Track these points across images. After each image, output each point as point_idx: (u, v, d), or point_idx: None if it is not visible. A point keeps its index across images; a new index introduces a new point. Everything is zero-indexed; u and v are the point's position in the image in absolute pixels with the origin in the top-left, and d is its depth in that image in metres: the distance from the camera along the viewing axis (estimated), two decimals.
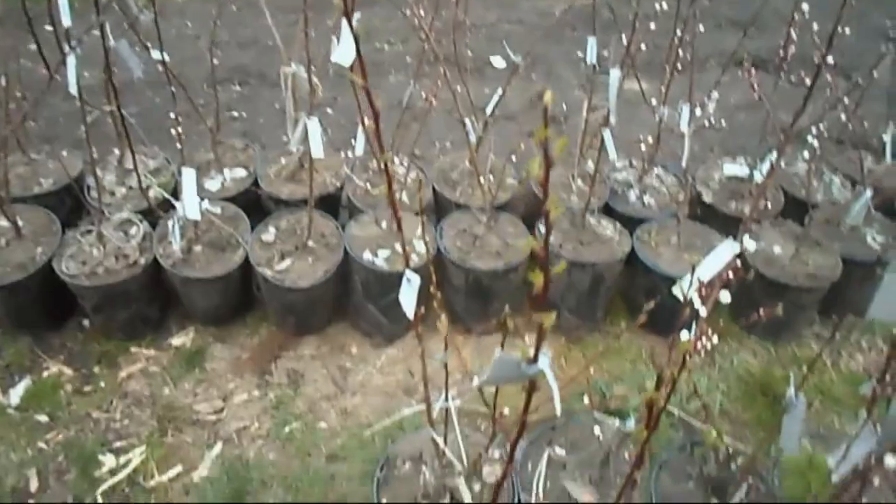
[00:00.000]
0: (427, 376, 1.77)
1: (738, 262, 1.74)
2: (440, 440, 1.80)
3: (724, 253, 1.73)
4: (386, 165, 1.35)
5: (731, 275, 1.71)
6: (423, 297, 1.76)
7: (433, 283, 1.66)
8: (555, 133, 3.56)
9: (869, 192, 2.97)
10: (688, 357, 1.66)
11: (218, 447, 2.68)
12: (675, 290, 1.74)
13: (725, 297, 1.73)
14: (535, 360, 0.86)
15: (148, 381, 2.89)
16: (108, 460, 2.62)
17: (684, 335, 1.68)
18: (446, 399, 1.82)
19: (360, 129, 2.61)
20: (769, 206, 3.25)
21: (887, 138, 3.39)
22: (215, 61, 3.14)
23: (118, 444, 2.68)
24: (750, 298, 3.04)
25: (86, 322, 3.06)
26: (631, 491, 1.35)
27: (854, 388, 3.01)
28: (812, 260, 3.01)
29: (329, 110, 4.44)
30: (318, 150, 2.33)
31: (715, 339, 1.71)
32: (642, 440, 1.22)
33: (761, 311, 1.97)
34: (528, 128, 4.41)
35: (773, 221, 3.21)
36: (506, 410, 1.69)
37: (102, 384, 2.87)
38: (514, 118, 4.49)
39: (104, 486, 2.52)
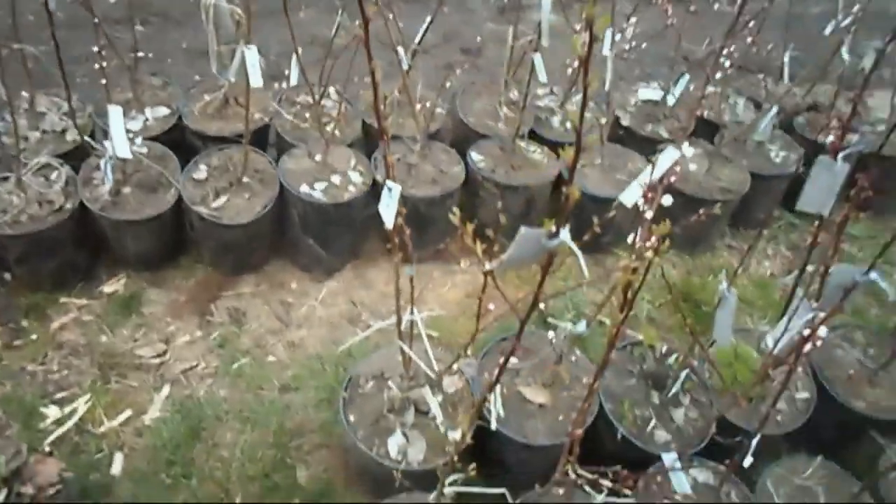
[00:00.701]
0: (399, 293, 1.82)
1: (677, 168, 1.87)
2: (409, 350, 1.87)
3: (666, 159, 1.85)
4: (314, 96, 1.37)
5: (672, 180, 1.84)
6: (358, 229, 1.80)
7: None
8: (471, 64, 3.59)
9: (774, 109, 3.19)
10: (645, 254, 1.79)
11: (166, 389, 2.66)
12: (623, 199, 1.86)
13: (668, 200, 1.86)
14: (556, 234, 0.93)
15: (83, 331, 2.82)
16: (52, 411, 2.56)
17: (631, 239, 1.81)
18: (411, 313, 1.89)
19: (293, 59, 2.57)
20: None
21: (786, 60, 3.62)
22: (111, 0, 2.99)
23: (60, 395, 2.62)
24: (667, 213, 3.24)
25: (7, 275, 2.93)
26: (603, 373, 1.47)
27: (763, 291, 3.28)
28: (724, 175, 3.22)
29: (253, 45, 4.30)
30: (256, 80, 2.30)
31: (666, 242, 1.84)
32: (617, 323, 1.33)
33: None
34: (444, 61, 4.43)
35: (688, 140, 3.40)
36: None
37: (34, 336, 2.78)
38: (428, 52, 4.49)
39: (52, 437, 2.47)
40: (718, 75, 3.39)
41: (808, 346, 1.34)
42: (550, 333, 2.23)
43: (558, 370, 2.24)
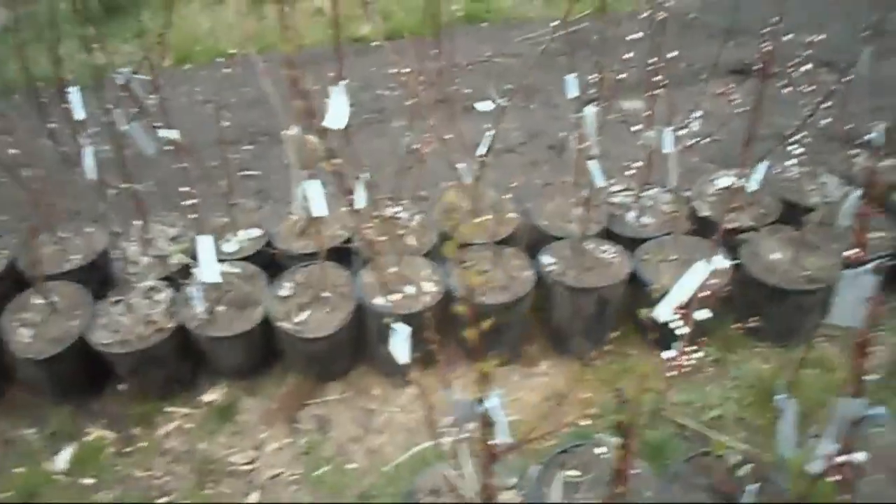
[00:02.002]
0: (434, 416, 1.88)
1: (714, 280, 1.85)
2: (451, 472, 1.91)
3: (698, 273, 1.84)
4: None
5: (708, 293, 1.82)
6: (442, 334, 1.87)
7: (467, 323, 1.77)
8: (556, 160, 3.69)
9: (858, 191, 3.04)
10: (672, 373, 1.78)
11: (255, 496, 2.82)
12: (657, 314, 1.85)
13: (704, 314, 1.84)
14: (482, 400, 0.98)
15: (185, 438, 3.05)
16: None
17: (666, 354, 1.80)
18: (458, 434, 1.94)
19: (358, 183, 2.76)
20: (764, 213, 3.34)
21: (875, 133, 3.46)
22: (225, 123, 3.34)
23: (162, 500, 2.83)
24: (755, 306, 3.13)
25: (122, 386, 3.23)
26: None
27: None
28: (810, 263, 3.09)
29: (337, 160, 4.62)
30: (320, 210, 2.49)
31: (699, 353, 1.82)
32: (621, 461, 1.33)
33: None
34: (529, 158, 4.55)
35: (771, 228, 3.29)
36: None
37: (142, 444, 3.03)
38: (513, 150, 4.64)
39: None
40: (799, 152, 3.31)
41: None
42: (598, 449, 2.20)
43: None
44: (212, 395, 3.21)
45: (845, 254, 1.49)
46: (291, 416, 3.10)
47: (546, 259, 3.12)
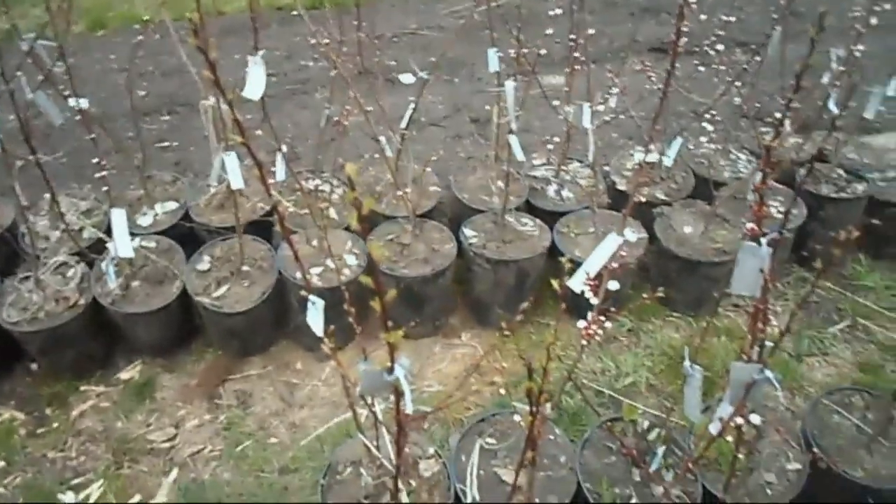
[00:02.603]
0: (352, 388, 1.89)
1: (623, 252, 1.91)
2: (370, 444, 1.93)
3: (609, 246, 1.90)
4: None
5: (616, 266, 1.88)
6: (364, 308, 1.87)
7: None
8: (479, 134, 3.71)
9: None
10: (583, 341, 1.83)
11: (174, 473, 2.78)
12: (571, 284, 1.90)
13: (614, 285, 1.91)
14: (392, 370, 1.00)
15: (100, 417, 2.98)
16: (68, 497, 2.70)
17: (581, 324, 1.86)
18: (372, 404, 1.96)
19: (279, 156, 2.73)
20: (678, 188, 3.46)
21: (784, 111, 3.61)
22: (141, 93, 3.23)
23: (76, 481, 2.76)
24: (668, 278, 3.25)
25: (33, 366, 3.12)
26: (532, 471, 1.51)
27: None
28: (720, 236, 3.22)
29: (259, 132, 4.53)
30: (237, 182, 2.45)
31: (608, 325, 1.88)
32: (529, 425, 1.37)
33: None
34: (453, 132, 4.56)
35: (684, 202, 3.41)
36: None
37: (55, 424, 2.95)
38: (438, 123, 4.64)
39: None
40: (711, 129, 3.43)
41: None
42: (516, 417, 2.26)
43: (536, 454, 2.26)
44: (129, 373, 3.14)
45: (749, 226, 1.56)
46: (211, 392, 3.06)
47: (467, 232, 3.15)
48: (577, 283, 1.88)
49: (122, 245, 2.67)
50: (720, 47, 3.43)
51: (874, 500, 2.35)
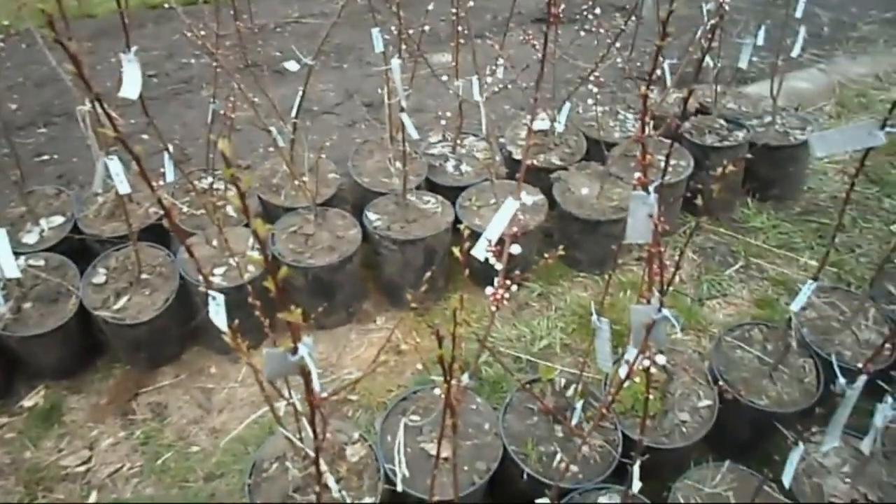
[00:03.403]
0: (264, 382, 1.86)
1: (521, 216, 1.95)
2: (292, 437, 1.91)
3: (507, 211, 1.93)
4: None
5: (515, 231, 1.91)
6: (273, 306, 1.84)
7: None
8: (373, 118, 3.67)
9: (651, 124, 3.30)
10: (492, 309, 1.86)
11: (93, 496, 2.67)
12: (475, 252, 1.93)
13: (516, 249, 1.94)
14: (295, 350, 0.99)
15: (6, 449, 2.82)
16: None
17: (488, 290, 1.88)
18: (290, 396, 1.94)
19: (165, 156, 2.63)
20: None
21: (665, 67, 3.74)
22: (13, 105, 3.05)
23: None
24: (571, 239, 3.33)
25: None
26: (455, 439, 1.53)
27: (674, 300, 3.36)
28: (616, 194, 3.32)
29: (144, 136, 4.36)
30: (123, 187, 2.35)
31: (517, 290, 1.91)
32: (445, 395, 1.38)
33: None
34: (347, 119, 4.52)
35: (579, 165, 3.50)
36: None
37: None
38: (331, 111, 4.59)
39: None
40: (597, 91, 3.53)
41: (626, 383, 1.41)
42: (437, 391, 2.28)
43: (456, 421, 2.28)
44: (32, 400, 2.98)
45: (636, 175, 1.61)
46: (123, 408, 2.95)
47: (370, 215, 3.14)
48: (480, 250, 1.91)
49: (7, 266, 2.53)
50: (598, 11, 3.53)
51: (780, 424, 2.50)
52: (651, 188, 1.67)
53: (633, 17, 3.53)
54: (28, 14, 2.97)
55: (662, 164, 3.36)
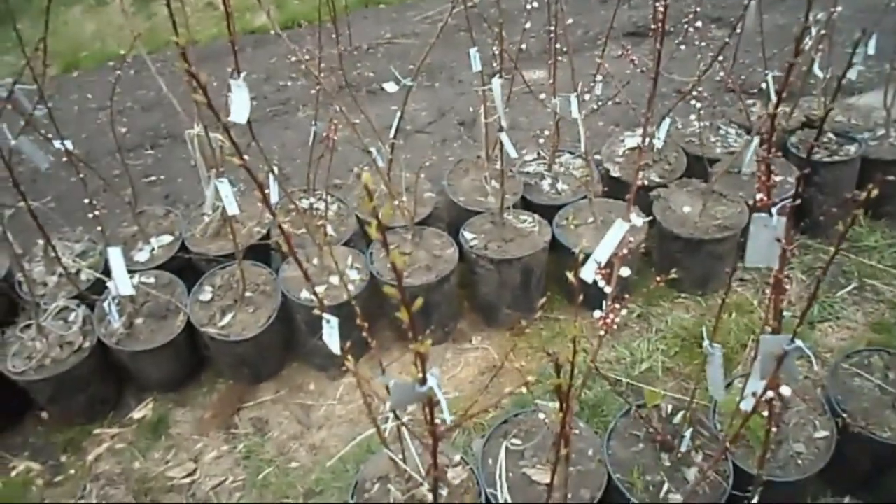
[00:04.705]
0: (372, 403, 1.87)
1: (631, 238, 1.89)
2: (397, 458, 1.91)
3: (616, 232, 1.88)
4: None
5: (625, 252, 1.86)
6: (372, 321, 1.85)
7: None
8: (466, 136, 3.69)
9: (756, 139, 3.17)
10: (602, 332, 1.81)
11: None
12: (583, 275, 1.88)
13: (626, 272, 1.89)
14: (424, 381, 0.98)
15: (117, 459, 2.94)
16: None
17: (597, 314, 1.84)
18: (397, 418, 1.94)
19: (270, 177, 2.70)
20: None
21: (769, 80, 3.60)
22: (123, 129, 3.19)
23: None
24: (672, 259, 3.23)
25: (43, 414, 3.08)
26: (566, 467, 1.48)
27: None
28: (719, 212, 3.21)
29: (246, 157, 4.50)
30: (232, 208, 2.42)
31: (623, 312, 1.86)
32: (560, 423, 1.35)
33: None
34: (439, 137, 4.54)
35: (679, 182, 3.40)
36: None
37: (72, 471, 2.90)
38: (424, 130, 4.63)
39: None
40: (699, 106, 3.42)
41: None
42: (540, 415, 2.24)
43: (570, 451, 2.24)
44: (141, 412, 3.10)
45: (759, 196, 1.54)
46: (227, 422, 3.03)
47: (467, 235, 3.13)
48: (588, 273, 1.86)
49: (122, 283, 2.64)
50: (699, 24, 3.42)
51: None
52: (774, 210, 1.60)
53: (737, 30, 3.41)
54: (142, 42, 3.10)
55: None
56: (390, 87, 2.85)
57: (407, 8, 6.35)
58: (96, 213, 2.63)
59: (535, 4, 2.97)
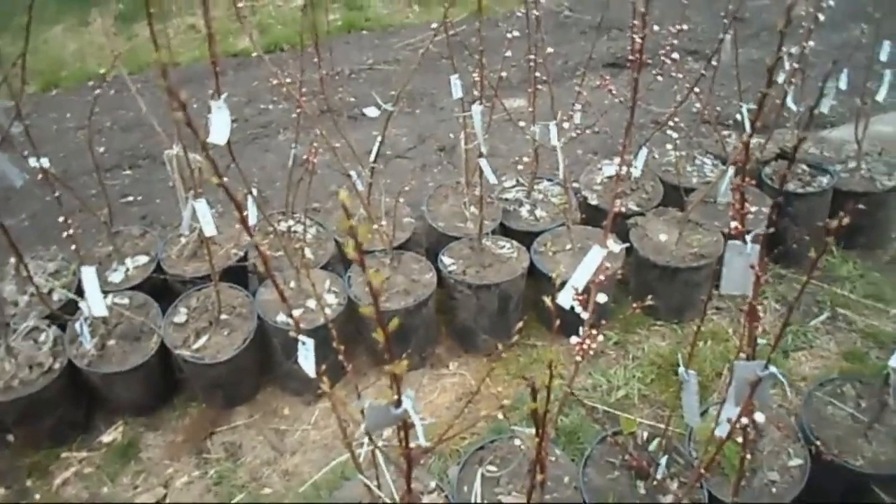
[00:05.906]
0: (347, 428, 1.85)
1: (608, 265, 1.91)
2: (371, 484, 1.88)
3: (593, 259, 1.89)
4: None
5: (601, 279, 1.87)
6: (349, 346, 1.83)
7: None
8: (446, 162, 3.71)
9: (731, 169, 3.22)
10: (579, 358, 1.81)
11: None
12: (560, 300, 1.89)
13: (602, 298, 1.90)
14: (399, 403, 0.97)
15: (84, 484, 2.87)
16: None
17: (573, 339, 1.84)
18: (372, 442, 1.92)
19: (249, 199, 2.69)
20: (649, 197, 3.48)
21: (744, 112, 3.66)
22: (101, 149, 3.17)
23: None
24: (648, 287, 3.25)
25: (9, 437, 3.01)
26: (541, 494, 1.47)
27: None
28: (695, 240, 3.24)
29: (226, 178, 4.49)
30: (210, 229, 2.40)
31: (600, 338, 1.87)
32: (536, 448, 1.34)
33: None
34: (419, 163, 4.57)
35: (656, 211, 3.43)
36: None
37: (37, 496, 2.84)
38: (405, 155, 4.65)
39: None
40: (676, 137, 3.48)
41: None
42: (516, 441, 2.23)
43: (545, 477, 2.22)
44: (111, 435, 3.04)
45: (733, 224, 1.56)
46: (199, 446, 2.98)
47: (446, 260, 3.13)
48: (565, 299, 1.87)
49: (95, 303, 2.60)
50: (675, 56, 3.48)
51: (877, 487, 2.36)
52: (749, 238, 1.62)
53: (711, 62, 3.47)
54: (122, 63, 3.09)
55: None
56: (371, 112, 2.87)
57: (389, 35, 6.41)
58: (70, 231, 2.60)
59: (516, 34, 3.01)
